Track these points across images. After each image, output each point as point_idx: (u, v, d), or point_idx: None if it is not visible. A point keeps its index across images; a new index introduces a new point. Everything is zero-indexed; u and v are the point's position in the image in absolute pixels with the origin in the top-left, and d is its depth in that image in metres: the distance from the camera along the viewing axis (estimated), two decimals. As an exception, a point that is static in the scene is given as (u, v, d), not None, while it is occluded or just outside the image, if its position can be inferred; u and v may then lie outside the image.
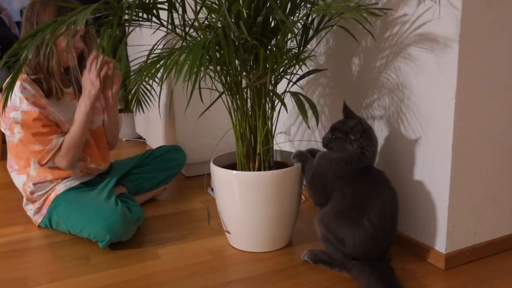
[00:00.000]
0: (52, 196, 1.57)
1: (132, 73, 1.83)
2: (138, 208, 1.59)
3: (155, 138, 2.66)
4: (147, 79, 1.26)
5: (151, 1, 1.27)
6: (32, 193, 1.58)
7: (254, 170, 1.43)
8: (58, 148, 1.50)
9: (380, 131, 1.48)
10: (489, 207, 1.35)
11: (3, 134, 2.45)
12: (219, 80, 1.40)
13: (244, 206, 1.38)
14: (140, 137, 3.24)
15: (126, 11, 1.19)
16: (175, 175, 1.97)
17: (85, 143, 1.60)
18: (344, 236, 1.23)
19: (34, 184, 1.57)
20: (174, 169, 1.96)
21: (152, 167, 1.90)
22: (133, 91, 1.79)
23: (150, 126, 2.74)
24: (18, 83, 1.46)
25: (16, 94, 1.45)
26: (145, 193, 1.88)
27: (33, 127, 1.46)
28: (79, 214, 1.49)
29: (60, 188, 1.58)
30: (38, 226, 1.65)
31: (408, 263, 1.33)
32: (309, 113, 1.80)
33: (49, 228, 1.62)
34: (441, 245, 1.30)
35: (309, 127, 1.47)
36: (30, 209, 1.63)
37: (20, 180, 1.60)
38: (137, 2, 1.23)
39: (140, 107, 2.09)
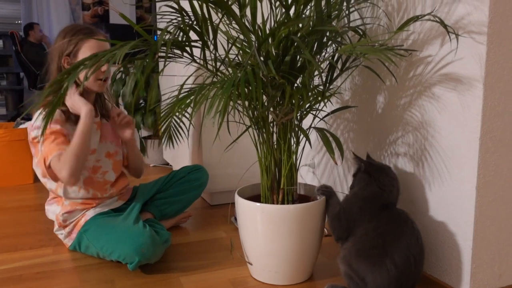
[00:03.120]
0: (82, 221, 1.63)
1: (162, 102, 1.90)
2: (165, 231, 1.63)
3: (182, 165, 2.72)
4: (177, 114, 1.32)
5: (185, 39, 1.35)
6: (64, 221, 1.65)
7: (277, 203, 1.45)
8: (59, 154, 1.53)
9: (404, 168, 1.49)
10: (514, 249, 1.33)
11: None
12: (246, 115, 1.45)
13: (266, 238, 1.40)
14: (167, 163, 3.31)
15: (162, 48, 1.26)
16: (198, 195, 1.98)
17: (102, 173, 1.69)
18: (365, 276, 1.23)
19: (67, 213, 1.65)
20: (197, 189, 1.96)
21: (176, 190, 1.93)
22: (164, 126, 1.85)
23: (178, 153, 2.81)
24: (40, 109, 1.56)
25: (39, 117, 1.55)
26: (170, 220, 1.93)
27: (49, 136, 1.54)
28: (109, 237, 1.54)
29: (90, 213, 1.65)
30: (68, 249, 1.71)
31: None
32: (334, 146, 1.82)
33: (78, 251, 1.68)
34: (465, 287, 1.28)
35: (336, 163, 1.50)
36: (61, 233, 1.70)
37: (53, 210, 1.68)
38: (172, 40, 1.30)
39: (170, 142, 2.16)
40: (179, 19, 1.33)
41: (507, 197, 1.29)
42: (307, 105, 1.46)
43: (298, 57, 1.34)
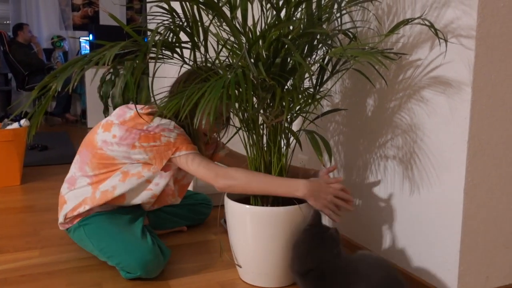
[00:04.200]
0: (85, 214, 1.56)
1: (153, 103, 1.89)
2: (166, 249, 1.58)
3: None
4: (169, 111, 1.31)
5: (175, 41, 1.34)
6: (77, 206, 1.55)
7: (267, 205, 1.45)
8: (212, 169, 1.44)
9: (393, 171, 1.50)
10: (501, 252, 1.34)
11: (26, 149, 2.48)
12: (236, 117, 1.45)
13: (256, 240, 1.40)
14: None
15: (152, 49, 1.25)
16: (192, 225, 2.00)
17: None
18: None
19: (90, 206, 1.55)
20: (198, 221, 2.01)
21: (180, 212, 1.93)
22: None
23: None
24: (173, 123, 1.49)
25: (169, 122, 1.48)
26: (162, 230, 1.91)
27: (166, 152, 1.46)
28: (113, 242, 1.50)
29: (96, 209, 1.57)
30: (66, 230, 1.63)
31: None
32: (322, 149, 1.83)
33: (69, 235, 1.61)
34: (452, 289, 1.29)
35: (324, 165, 1.50)
36: (63, 216, 1.60)
37: (82, 192, 1.57)
38: (162, 41, 1.29)
39: None
40: (170, 20, 1.33)
41: (494, 200, 1.30)
42: (297, 108, 1.46)
43: (288, 59, 1.35)
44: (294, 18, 1.35)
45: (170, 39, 1.35)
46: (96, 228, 1.55)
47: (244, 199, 1.55)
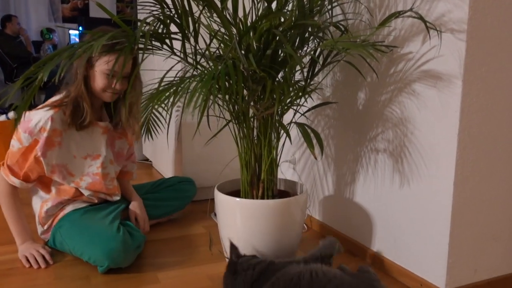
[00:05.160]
0: (60, 216, 1.59)
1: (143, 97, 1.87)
2: (139, 234, 1.58)
3: (162, 161, 2.69)
4: (156, 106, 1.30)
5: (165, 31, 1.32)
6: (46, 212, 1.59)
7: (257, 198, 1.44)
8: (8, 186, 1.54)
9: (383, 164, 1.50)
10: (490, 245, 1.35)
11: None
12: (227, 109, 1.43)
13: (246, 233, 1.39)
14: (147, 159, 3.27)
15: (141, 39, 1.24)
16: (183, 206, 2.00)
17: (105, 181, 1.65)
18: None
19: (52, 204, 1.60)
20: (184, 200, 2.00)
21: (163, 195, 1.93)
22: (143, 118, 1.83)
23: (157, 149, 2.77)
24: (51, 112, 1.49)
25: (41, 120, 1.47)
26: (149, 220, 1.90)
27: (26, 154, 1.49)
28: (81, 237, 1.50)
29: (68, 208, 1.60)
30: (46, 243, 1.66)
31: (408, 298, 1.33)
32: (314, 142, 1.82)
33: (53, 248, 1.64)
34: (441, 281, 1.30)
35: (316, 158, 1.50)
36: (39, 229, 1.65)
37: (40, 197, 1.63)
38: (151, 31, 1.27)
39: (149, 135, 2.13)
40: (159, 10, 1.31)
41: (484, 193, 1.30)
42: (288, 100, 1.45)
43: (279, 51, 1.33)
44: (286, 10, 1.34)
45: (159, 30, 1.33)
46: (69, 228, 1.55)
47: (234, 192, 1.54)
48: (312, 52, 1.40)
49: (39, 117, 1.48)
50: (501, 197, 1.34)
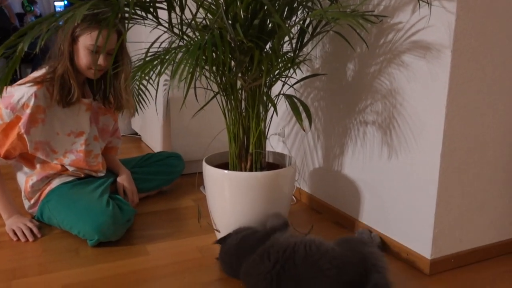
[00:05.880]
0: (47, 190, 1.58)
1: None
2: (129, 208, 1.58)
3: (150, 135, 2.67)
4: (143, 75, 1.27)
5: (149, 0, 1.29)
6: (32, 186, 1.58)
7: (245, 171, 1.44)
8: None
9: (372, 136, 1.50)
10: (475, 215, 1.37)
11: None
12: (214, 81, 1.41)
13: (234, 205, 1.39)
14: (136, 133, 3.24)
15: (125, 9, 1.20)
16: (172, 181, 2.00)
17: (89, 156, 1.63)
18: None
19: (37, 179, 1.58)
20: (172, 175, 1.99)
21: (152, 169, 1.93)
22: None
23: (146, 123, 2.75)
24: (34, 88, 1.45)
25: (24, 96, 1.44)
26: (139, 193, 1.89)
27: (6, 131, 1.47)
28: (70, 211, 1.49)
29: (55, 182, 1.59)
30: (33, 217, 1.66)
31: (392, 267, 1.35)
32: (303, 115, 1.81)
33: (41, 221, 1.63)
34: (426, 251, 1.32)
35: (304, 130, 1.49)
36: (26, 204, 1.64)
37: (24, 173, 1.61)
38: (135, 0, 1.24)
39: (136, 109, 2.10)
40: (143, -22, 1.27)
41: (471, 164, 1.31)
42: (276, 72, 1.43)
43: (267, 21, 1.31)
44: (274, -22, 1.31)
45: (144, -1, 1.29)
46: (57, 202, 1.54)
47: (222, 164, 1.53)
48: (301, 22, 1.38)
49: (21, 93, 1.45)
50: (487, 169, 1.35)
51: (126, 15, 1.27)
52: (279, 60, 1.40)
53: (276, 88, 1.98)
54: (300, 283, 1.07)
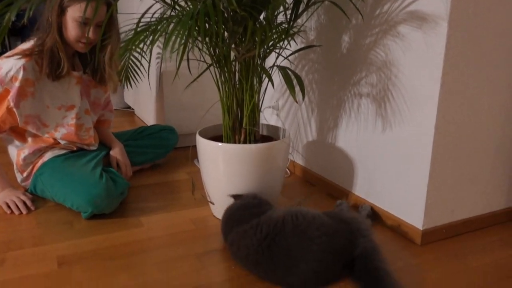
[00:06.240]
0: (39, 163, 1.57)
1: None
2: (123, 181, 1.58)
3: (144, 109, 2.65)
4: (134, 46, 1.25)
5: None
6: (24, 159, 1.57)
7: (239, 143, 1.44)
8: None
9: (367, 108, 1.49)
10: (467, 187, 1.38)
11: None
12: (207, 52, 1.39)
13: (228, 178, 1.39)
14: (129, 107, 3.22)
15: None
16: (165, 154, 2.00)
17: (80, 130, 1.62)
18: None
19: (29, 152, 1.57)
20: (166, 148, 1.99)
21: (145, 142, 1.92)
22: (121, 63, 1.77)
23: (139, 96, 2.72)
24: (22, 60, 1.42)
25: (13, 69, 1.41)
26: (132, 166, 1.89)
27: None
28: (63, 184, 1.49)
29: (48, 155, 1.58)
30: (26, 190, 1.65)
31: (384, 237, 1.37)
32: (297, 88, 1.80)
33: (35, 194, 1.63)
34: (418, 221, 1.33)
35: (296, 101, 1.48)
36: (18, 177, 1.63)
37: (15, 147, 1.60)
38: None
39: (128, 82, 2.08)
40: None
41: (465, 135, 1.31)
42: (270, 43, 1.41)
43: (261, -10, 1.28)
44: None
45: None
46: (50, 175, 1.54)
47: (216, 137, 1.53)
48: (295, -8, 1.35)
49: (9, 66, 1.42)
50: (480, 141, 1.35)
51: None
52: (273, 31, 1.38)
53: (270, 61, 1.95)
54: (291, 253, 1.08)
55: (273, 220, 1.16)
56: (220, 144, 1.38)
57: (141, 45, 1.28)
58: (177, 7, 1.33)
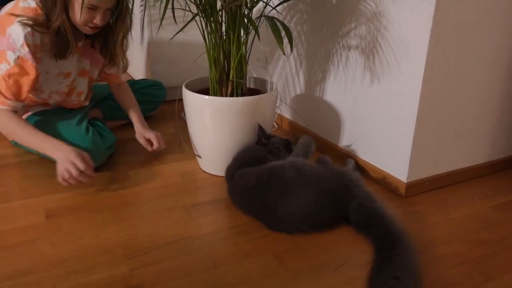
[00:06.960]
0: (24, 116, 1.53)
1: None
2: (110, 135, 1.56)
3: (130, 62, 2.58)
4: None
5: None
6: None
7: (226, 96, 1.42)
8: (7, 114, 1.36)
9: (355, 61, 1.47)
10: (451, 140, 1.40)
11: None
12: (192, 1, 1.34)
13: (215, 131, 1.39)
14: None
15: None
16: (152, 110, 1.97)
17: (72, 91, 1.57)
18: None
19: None
20: (154, 105, 1.96)
21: None
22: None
23: (123, 47, 2.65)
24: (28, 28, 1.30)
25: (20, 35, 1.30)
26: (118, 121, 1.87)
27: (18, 74, 1.34)
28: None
29: (34, 109, 1.55)
30: (11, 142, 1.62)
31: (369, 189, 1.39)
32: (285, 40, 1.76)
33: (20, 147, 1.61)
34: (402, 174, 1.36)
35: (284, 53, 1.45)
36: None
37: None
38: None
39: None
40: None
41: (452, 89, 1.31)
42: (258, -8, 1.36)
43: None
44: None
45: None
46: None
47: (203, 90, 1.51)
48: None
49: (18, 32, 1.30)
50: (466, 96, 1.36)
51: None
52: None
53: (258, 11, 1.90)
54: (287, 184, 1.17)
55: (275, 164, 1.25)
56: (206, 97, 1.36)
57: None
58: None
